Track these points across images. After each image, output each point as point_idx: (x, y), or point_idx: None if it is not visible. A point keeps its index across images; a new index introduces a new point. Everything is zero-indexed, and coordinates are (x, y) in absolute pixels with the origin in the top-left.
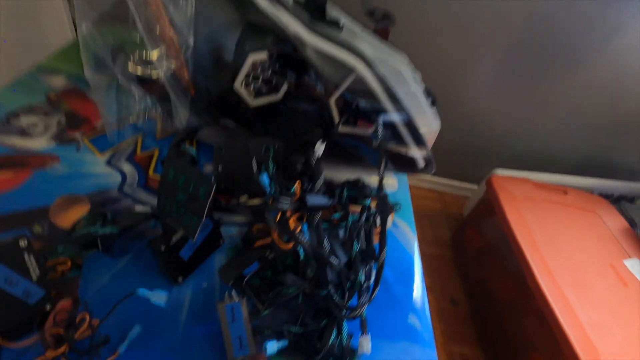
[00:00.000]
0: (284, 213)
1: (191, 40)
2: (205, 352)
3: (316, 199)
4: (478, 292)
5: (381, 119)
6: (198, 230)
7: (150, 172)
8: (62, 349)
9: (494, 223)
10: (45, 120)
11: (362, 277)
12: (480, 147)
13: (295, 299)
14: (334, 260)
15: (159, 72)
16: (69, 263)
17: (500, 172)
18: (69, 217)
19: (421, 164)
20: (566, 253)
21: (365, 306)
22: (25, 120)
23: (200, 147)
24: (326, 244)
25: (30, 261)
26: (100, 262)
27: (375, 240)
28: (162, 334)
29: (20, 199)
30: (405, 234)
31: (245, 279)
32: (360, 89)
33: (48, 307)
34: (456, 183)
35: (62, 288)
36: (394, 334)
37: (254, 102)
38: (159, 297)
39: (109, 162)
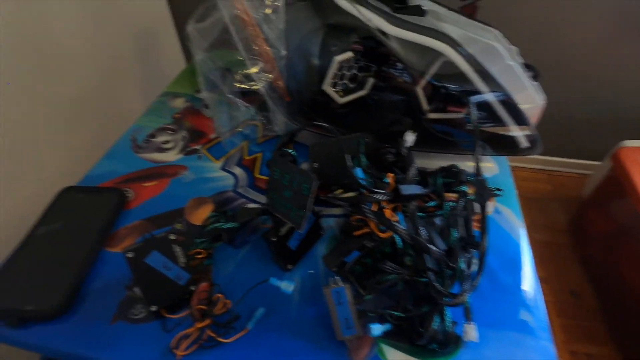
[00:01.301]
0: (379, 203)
1: (283, 52)
2: (316, 330)
3: (410, 189)
4: (606, 282)
5: (474, 100)
6: (304, 222)
7: (256, 173)
8: (206, 321)
9: (625, 203)
10: (174, 137)
11: (462, 265)
12: (599, 117)
13: (395, 286)
14: (431, 247)
15: (259, 85)
16: (204, 253)
17: (630, 144)
18: (200, 215)
19: (524, 143)
20: None
21: (468, 293)
22: (160, 139)
23: (298, 147)
24: (423, 232)
25: (178, 251)
26: (226, 252)
27: (475, 228)
28: (280, 313)
29: (163, 202)
30: (509, 221)
31: (347, 266)
32: (450, 72)
33: (193, 288)
34: (570, 161)
35: (200, 274)
36: (501, 323)
37: (342, 99)
38: (287, 286)
39: (223, 167)
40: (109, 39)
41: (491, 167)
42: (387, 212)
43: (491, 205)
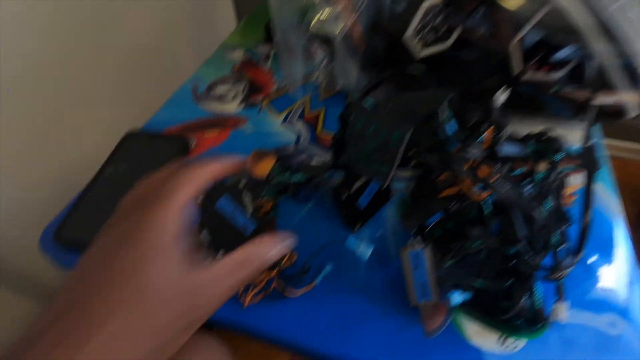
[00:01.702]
0: (472, 162)
1: None
2: (385, 293)
3: (509, 148)
4: None
5: (582, 59)
6: (390, 177)
7: (319, 130)
8: (274, 272)
9: None
10: (233, 88)
11: (556, 239)
12: None
13: (476, 254)
14: (536, 213)
15: (334, 30)
16: (269, 205)
17: None
18: (262, 168)
19: (634, 111)
20: None
21: (570, 269)
22: (220, 90)
23: None
24: (525, 195)
25: (247, 200)
26: (290, 206)
27: (565, 203)
28: (347, 273)
29: (225, 152)
30: (601, 197)
31: (428, 229)
32: (553, 24)
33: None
34: None
35: (265, 225)
36: (592, 305)
37: (421, 53)
38: (364, 251)
39: (284, 122)
40: None
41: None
42: (485, 171)
43: (579, 176)
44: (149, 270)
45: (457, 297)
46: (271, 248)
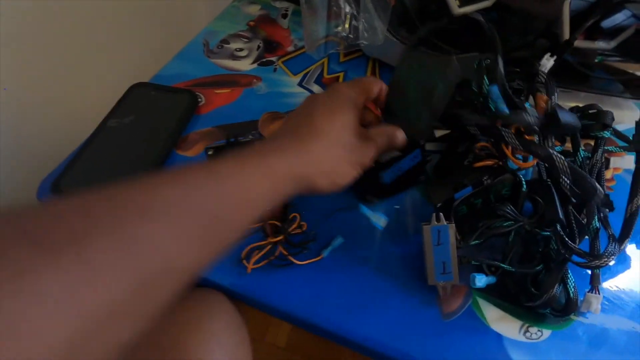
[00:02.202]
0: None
1: None
2: (400, 270)
3: (566, 116)
4: None
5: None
6: (429, 128)
7: None
8: (280, 237)
9: None
10: (248, 45)
11: (596, 224)
12: None
13: (504, 235)
14: (596, 190)
15: None
16: None
17: None
18: (274, 130)
19: None
20: None
21: (612, 258)
22: (233, 45)
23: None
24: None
25: None
26: None
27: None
28: (360, 246)
29: (235, 112)
30: None
31: (455, 204)
32: None
33: None
34: None
35: None
36: (629, 300)
37: (459, 10)
38: (378, 219)
39: (300, 83)
40: None
41: (632, 115)
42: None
43: (627, 159)
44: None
45: (482, 280)
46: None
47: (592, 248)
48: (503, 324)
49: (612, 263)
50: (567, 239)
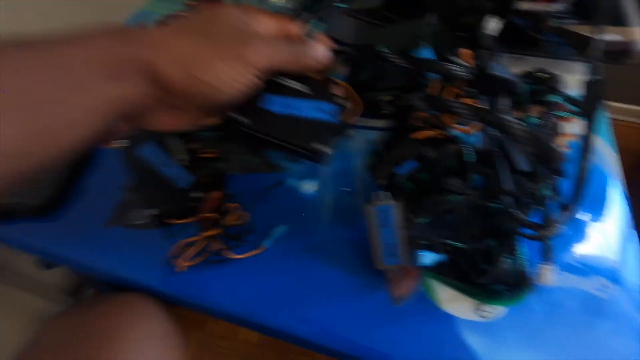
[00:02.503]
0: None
1: None
2: (348, 256)
3: (500, 69)
4: None
5: None
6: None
7: None
8: (216, 231)
9: None
10: None
11: (546, 192)
12: None
13: (454, 211)
14: (515, 156)
15: None
16: (214, 154)
17: None
18: None
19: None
20: None
21: (561, 226)
22: None
23: None
24: (508, 140)
25: (177, 145)
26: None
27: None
28: (306, 232)
29: None
30: (599, 152)
31: (399, 180)
32: None
33: (200, 194)
34: (635, 108)
35: (211, 178)
36: (581, 267)
37: None
38: (308, 186)
39: None
40: None
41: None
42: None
43: (578, 125)
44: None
45: (428, 257)
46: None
47: (540, 218)
48: (456, 304)
49: (561, 232)
50: (514, 211)
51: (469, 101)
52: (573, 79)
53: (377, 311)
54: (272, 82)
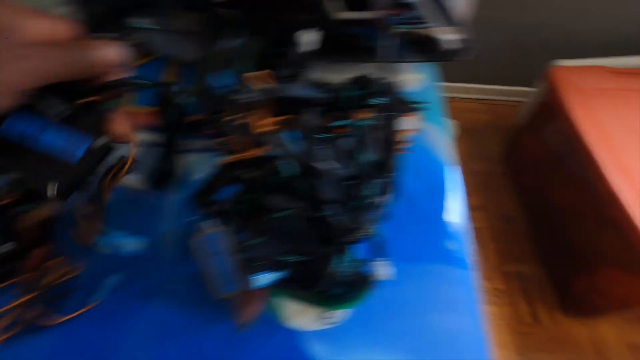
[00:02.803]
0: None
1: None
2: (191, 290)
3: (297, 89)
4: (536, 205)
5: None
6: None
7: None
8: (34, 294)
9: (557, 125)
10: None
11: (370, 193)
12: (536, 39)
13: (284, 227)
14: (326, 166)
15: None
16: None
17: (564, 63)
18: None
19: (454, 45)
20: None
21: (370, 226)
22: None
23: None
24: (318, 151)
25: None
26: None
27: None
28: (147, 274)
29: None
30: (434, 140)
31: (223, 206)
32: None
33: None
34: (508, 88)
35: (35, 234)
36: (422, 256)
37: None
38: (131, 245)
39: None
40: None
41: (414, 79)
42: (255, 118)
43: (413, 122)
44: None
45: (262, 279)
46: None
47: (354, 220)
48: (301, 317)
49: (380, 229)
50: (334, 218)
51: (268, 121)
52: (407, 78)
53: (224, 343)
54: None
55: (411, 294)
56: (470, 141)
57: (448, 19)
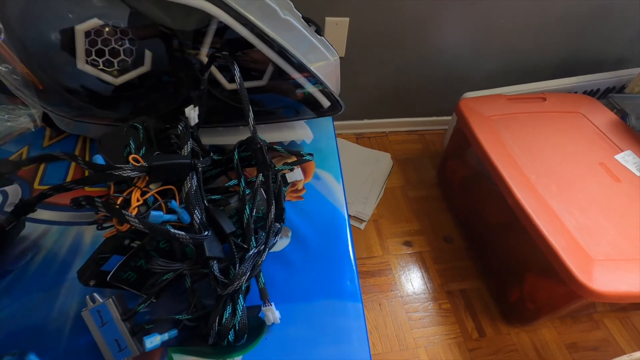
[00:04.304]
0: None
1: None
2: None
3: (167, 158)
4: (469, 224)
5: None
6: None
7: (36, 184)
8: None
9: (471, 150)
10: None
11: (254, 245)
12: (449, 75)
13: (171, 286)
14: (175, 232)
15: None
16: None
17: (470, 95)
18: None
19: (325, 103)
20: (549, 162)
21: (245, 277)
22: None
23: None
24: (197, 215)
25: None
26: None
27: (293, 199)
28: (44, 351)
29: None
30: (329, 186)
31: (110, 275)
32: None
33: None
34: (434, 119)
35: None
36: (313, 294)
37: (118, 80)
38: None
39: None
40: None
41: (305, 133)
42: (134, 199)
43: (297, 172)
44: None
45: (153, 341)
46: None
47: (226, 274)
48: None
49: (244, 282)
50: (214, 272)
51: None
52: (297, 133)
53: None
54: None
55: (304, 330)
56: (407, 170)
57: (314, 79)
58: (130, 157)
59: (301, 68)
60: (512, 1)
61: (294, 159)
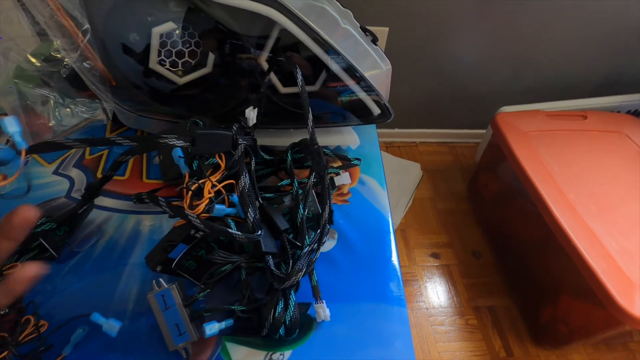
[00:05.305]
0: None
1: (86, 22)
2: (152, 341)
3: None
4: (499, 239)
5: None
6: None
7: (99, 173)
8: (4, 353)
9: (506, 165)
10: None
11: (307, 242)
12: (485, 88)
13: (230, 278)
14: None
15: (68, 65)
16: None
17: (507, 109)
18: None
19: (375, 111)
20: (589, 181)
21: (301, 273)
22: None
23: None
24: (251, 213)
25: None
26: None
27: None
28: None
29: None
30: (373, 191)
31: (175, 263)
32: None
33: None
34: (465, 131)
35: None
36: (359, 296)
37: (182, 79)
38: (110, 327)
39: (56, 171)
40: None
41: (352, 139)
42: (206, 192)
43: (345, 176)
44: None
45: (212, 328)
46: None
47: (287, 268)
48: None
49: (302, 275)
50: (271, 267)
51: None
52: (345, 139)
53: None
54: None
55: (349, 330)
56: (436, 181)
57: (366, 86)
58: None
59: (356, 76)
60: (553, 16)
61: (339, 163)
